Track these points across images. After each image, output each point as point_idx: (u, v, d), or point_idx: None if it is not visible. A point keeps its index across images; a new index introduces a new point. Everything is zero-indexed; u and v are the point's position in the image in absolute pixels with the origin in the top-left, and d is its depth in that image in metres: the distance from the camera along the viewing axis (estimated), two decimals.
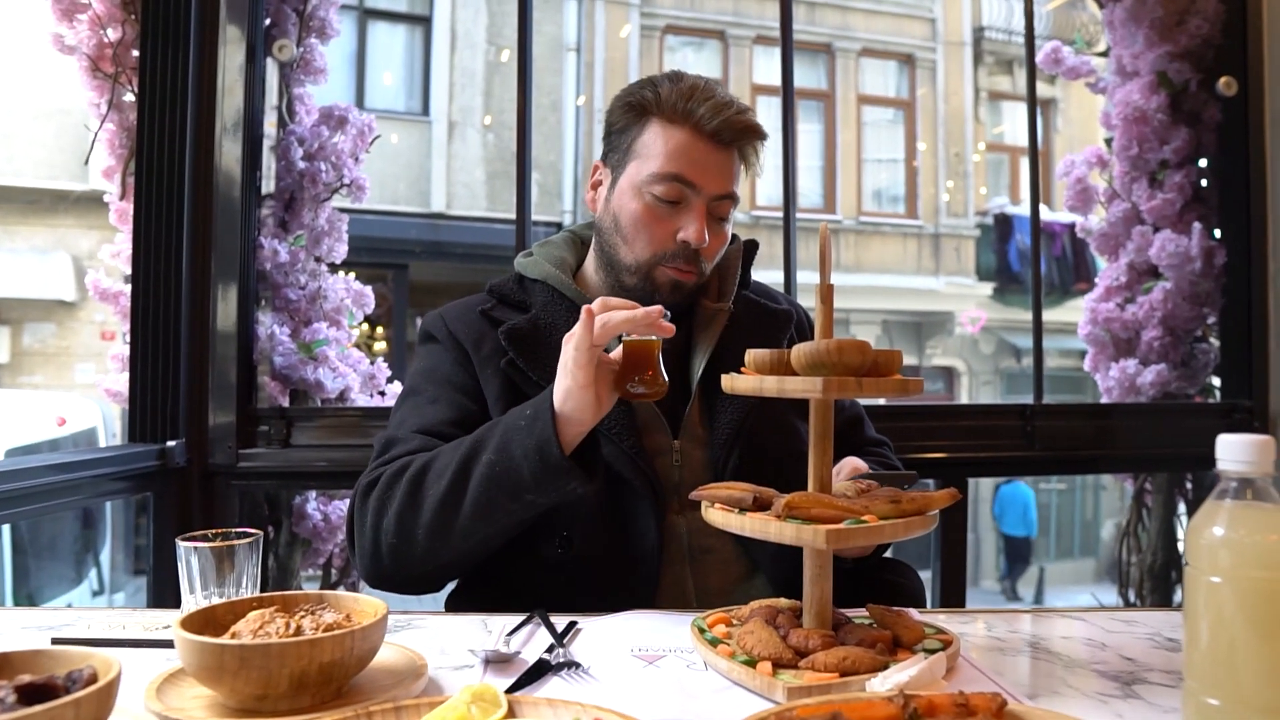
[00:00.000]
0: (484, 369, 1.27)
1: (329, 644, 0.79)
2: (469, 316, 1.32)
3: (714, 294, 1.36)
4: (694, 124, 1.23)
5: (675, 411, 1.28)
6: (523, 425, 1.10)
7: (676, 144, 1.24)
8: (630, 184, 1.27)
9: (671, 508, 1.24)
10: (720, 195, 1.26)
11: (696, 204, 1.24)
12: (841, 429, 1.39)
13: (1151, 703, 0.82)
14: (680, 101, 1.24)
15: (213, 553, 0.99)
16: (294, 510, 2.20)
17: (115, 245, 2.15)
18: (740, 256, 1.40)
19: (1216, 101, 2.40)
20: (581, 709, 0.76)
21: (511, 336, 1.26)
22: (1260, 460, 0.67)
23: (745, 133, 1.25)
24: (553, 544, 1.20)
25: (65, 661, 0.74)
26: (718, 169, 1.25)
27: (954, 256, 10.86)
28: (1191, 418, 2.39)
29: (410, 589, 1.22)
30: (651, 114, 1.26)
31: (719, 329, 1.32)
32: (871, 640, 0.89)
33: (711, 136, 1.23)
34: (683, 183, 1.23)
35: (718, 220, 1.28)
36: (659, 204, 1.25)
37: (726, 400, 1.26)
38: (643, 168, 1.25)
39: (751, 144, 1.28)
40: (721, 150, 1.25)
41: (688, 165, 1.23)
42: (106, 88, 2.10)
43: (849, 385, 0.87)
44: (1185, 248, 2.35)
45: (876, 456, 1.39)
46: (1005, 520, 9.36)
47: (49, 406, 5.26)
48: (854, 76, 10.64)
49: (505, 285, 1.36)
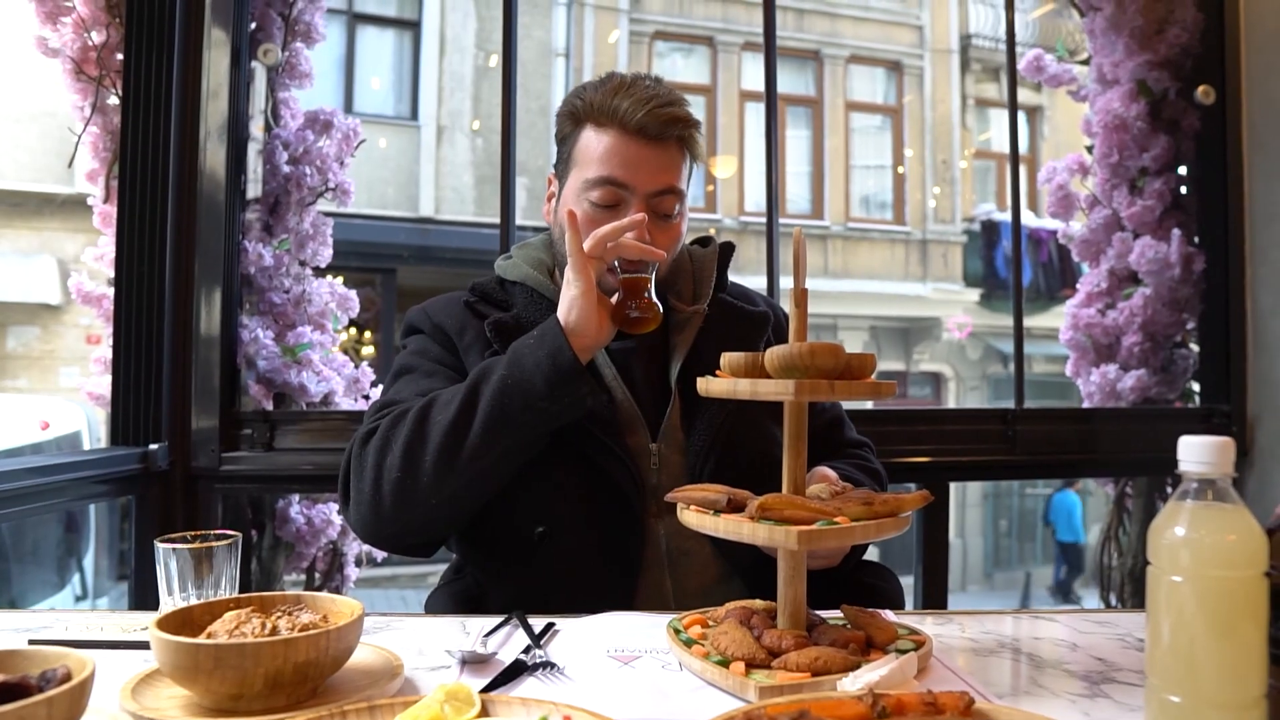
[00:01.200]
0: (468, 355, 1.28)
1: (304, 644, 0.79)
2: (452, 308, 1.33)
3: (689, 297, 1.36)
4: (619, 123, 1.22)
5: (656, 414, 1.29)
6: (531, 342, 1.15)
7: (605, 147, 1.23)
8: (572, 192, 1.27)
9: (650, 511, 1.24)
10: (658, 191, 1.24)
11: (634, 205, 1.23)
12: (821, 430, 1.40)
13: (1119, 701, 0.83)
14: (606, 102, 1.23)
15: (191, 554, 1.00)
16: (277, 514, 2.19)
17: (99, 249, 2.15)
18: (716, 259, 1.39)
19: (1195, 110, 2.43)
20: (554, 707, 0.76)
21: (497, 329, 1.26)
22: (1220, 461, 0.68)
23: (672, 124, 1.23)
24: (531, 531, 1.20)
25: (40, 661, 0.75)
26: (650, 166, 1.23)
27: (941, 262, 10.91)
28: (1171, 422, 2.42)
29: (408, 540, 1.23)
30: (583, 120, 1.26)
31: (694, 332, 1.31)
32: (844, 641, 0.90)
33: (638, 133, 1.22)
34: (615, 185, 1.23)
35: (662, 217, 1.26)
36: (597, 210, 1.24)
37: (704, 404, 1.25)
38: (580, 175, 1.26)
39: (686, 134, 1.25)
40: (652, 146, 1.23)
41: (618, 167, 1.23)
42: (90, 91, 2.10)
43: (821, 388, 0.88)
44: (1165, 254, 2.37)
45: (855, 460, 1.39)
46: (1059, 528, 9.38)
47: (33, 410, 5.22)
48: (842, 83, 10.69)
49: (487, 285, 1.37)
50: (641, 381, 1.30)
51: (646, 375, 1.31)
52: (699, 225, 9.95)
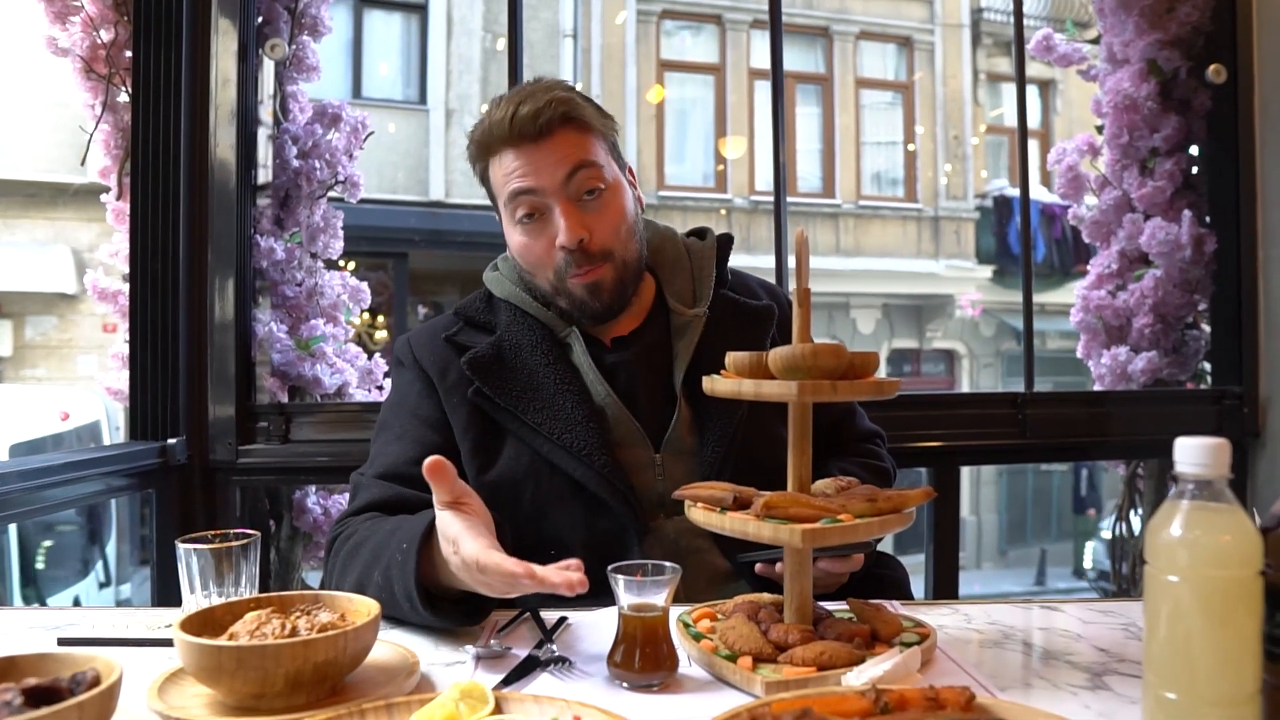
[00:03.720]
0: (450, 398, 1.26)
1: (323, 644, 0.81)
2: (434, 344, 1.31)
3: (689, 298, 1.34)
4: (506, 139, 1.21)
5: (658, 425, 1.26)
6: (399, 560, 1.03)
7: (505, 167, 1.22)
8: (506, 221, 1.27)
9: (657, 516, 1.23)
10: (566, 177, 1.21)
11: (554, 205, 1.21)
12: (833, 422, 1.39)
13: (1119, 694, 0.85)
14: (491, 129, 1.22)
15: (212, 554, 1.02)
16: (294, 505, 2.23)
17: (113, 245, 2.18)
18: (714, 254, 1.37)
19: (1206, 89, 2.41)
20: (565, 705, 0.78)
21: (474, 366, 1.24)
22: (1216, 463, 0.69)
23: (543, 111, 1.19)
24: (541, 559, 1.20)
25: (69, 664, 0.77)
26: (546, 159, 1.20)
27: (954, 239, 10.85)
28: (1182, 404, 2.41)
29: None
30: (480, 156, 1.26)
31: (696, 335, 1.30)
32: (850, 634, 0.92)
33: (521, 138, 1.20)
34: (526, 195, 1.21)
35: (589, 198, 1.22)
36: (527, 225, 1.23)
37: (714, 412, 1.24)
38: (501, 203, 1.26)
39: (563, 112, 1.20)
40: (540, 142, 1.20)
41: (520, 177, 1.21)
42: (101, 89, 2.12)
43: (824, 389, 0.89)
44: (1175, 235, 2.36)
45: (862, 459, 1.36)
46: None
47: (52, 401, 5.29)
48: (852, 60, 10.60)
49: (472, 306, 1.35)
50: (642, 392, 1.28)
51: (647, 385, 1.29)
52: (710, 205, 9.92)
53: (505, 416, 1.24)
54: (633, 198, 1.30)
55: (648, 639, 0.88)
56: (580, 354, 1.28)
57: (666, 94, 9.98)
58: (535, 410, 1.23)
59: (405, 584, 1.01)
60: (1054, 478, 10.73)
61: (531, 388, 1.24)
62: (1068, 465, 9.48)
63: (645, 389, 1.29)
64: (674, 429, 1.26)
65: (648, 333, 1.33)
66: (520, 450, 1.23)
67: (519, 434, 1.23)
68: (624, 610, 0.89)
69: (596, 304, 1.26)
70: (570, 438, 1.21)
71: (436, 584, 1.03)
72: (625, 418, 1.25)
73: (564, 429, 1.21)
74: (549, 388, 1.24)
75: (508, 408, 1.23)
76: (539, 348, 1.27)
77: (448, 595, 1.03)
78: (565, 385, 1.24)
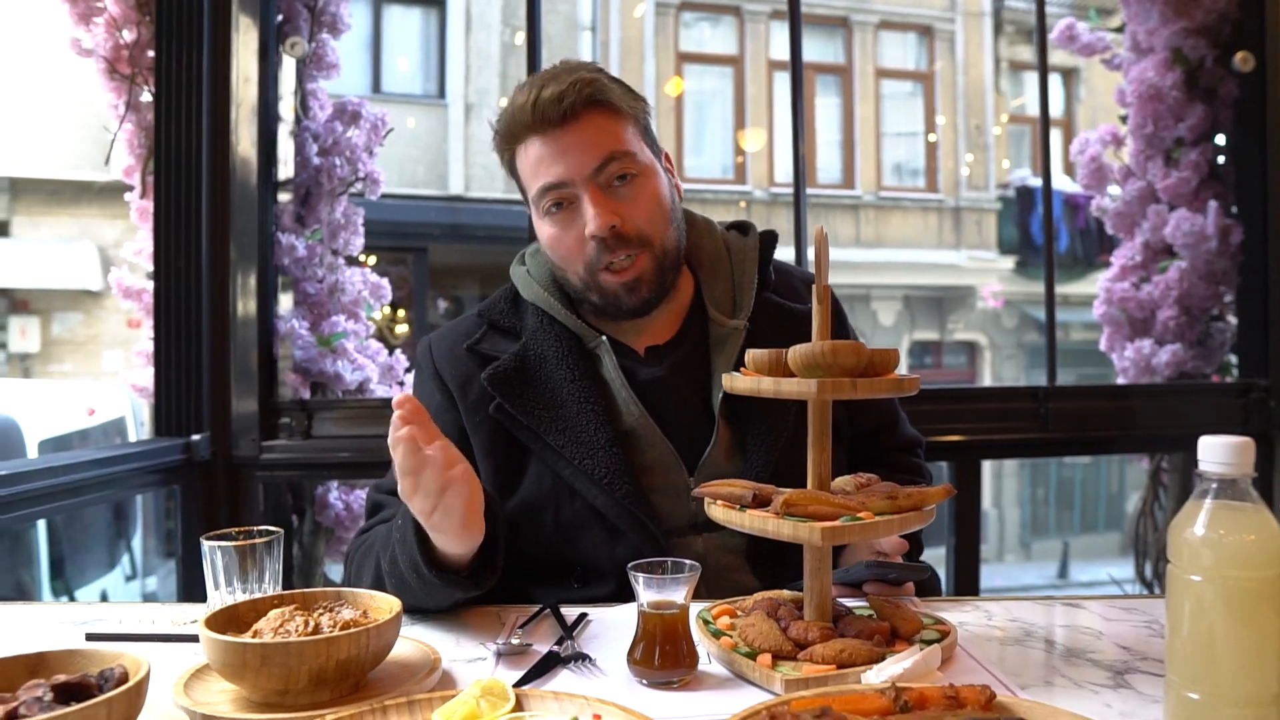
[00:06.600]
0: (471, 417, 1.22)
1: (345, 641, 0.82)
2: (456, 354, 1.26)
3: (728, 306, 1.27)
4: (530, 125, 1.16)
5: (695, 446, 1.20)
6: (398, 537, 1.06)
7: (533, 155, 1.18)
8: (535, 213, 1.22)
9: (686, 535, 1.19)
10: (598, 167, 1.16)
11: (583, 195, 1.16)
12: (875, 429, 1.33)
13: (1142, 693, 0.84)
14: (514, 114, 1.18)
15: (236, 551, 1.04)
16: (317, 500, 2.25)
17: (137, 243, 2.20)
18: (755, 255, 1.30)
19: (1233, 77, 2.38)
20: (585, 702, 0.79)
21: (496, 381, 1.20)
22: (1240, 462, 0.68)
23: (568, 94, 1.14)
24: (569, 581, 1.19)
25: (98, 660, 0.79)
26: (574, 149, 1.15)
27: (975, 230, 10.76)
28: (1207, 397, 2.39)
29: None
30: (511, 142, 1.21)
31: (736, 350, 1.22)
32: (869, 632, 0.92)
33: (547, 123, 1.15)
34: (556, 187, 1.17)
35: (619, 183, 1.18)
36: (555, 215, 1.19)
37: (756, 433, 1.19)
38: (531, 194, 1.21)
39: (590, 94, 1.16)
40: (566, 126, 1.15)
41: (549, 168, 1.16)
42: (124, 89, 2.14)
43: (843, 386, 0.89)
44: (1201, 226, 2.33)
45: (901, 469, 1.32)
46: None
47: (79, 397, 5.36)
48: (872, 50, 10.51)
49: (497, 308, 1.30)
50: (677, 412, 1.21)
51: (682, 403, 1.22)
52: (729, 197, 9.89)
53: (527, 435, 1.19)
54: (669, 184, 1.25)
55: (667, 636, 0.88)
56: (611, 368, 1.22)
57: (685, 86, 9.95)
58: (557, 431, 1.18)
59: (409, 554, 1.03)
60: (1077, 470, 10.64)
61: (554, 405, 1.19)
62: (1090, 458, 9.39)
63: (680, 407, 1.22)
64: (711, 452, 1.20)
65: (684, 344, 1.26)
66: (543, 472, 1.20)
67: (541, 455, 1.19)
68: (644, 607, 0.89)
69: (634, 300, 1.20)
70: (591, 464, 1.16)
71: (437, 560, 1.05)
72: (658, 439, 1.19)
73: (586, 454, 1.16)
74: (572, 406, 1.19)
75: (529, 425, 1.18)
76: (565, 360, 1.21)
77: (450, 568, 1.05)
78: (589, 404, 1.19)
